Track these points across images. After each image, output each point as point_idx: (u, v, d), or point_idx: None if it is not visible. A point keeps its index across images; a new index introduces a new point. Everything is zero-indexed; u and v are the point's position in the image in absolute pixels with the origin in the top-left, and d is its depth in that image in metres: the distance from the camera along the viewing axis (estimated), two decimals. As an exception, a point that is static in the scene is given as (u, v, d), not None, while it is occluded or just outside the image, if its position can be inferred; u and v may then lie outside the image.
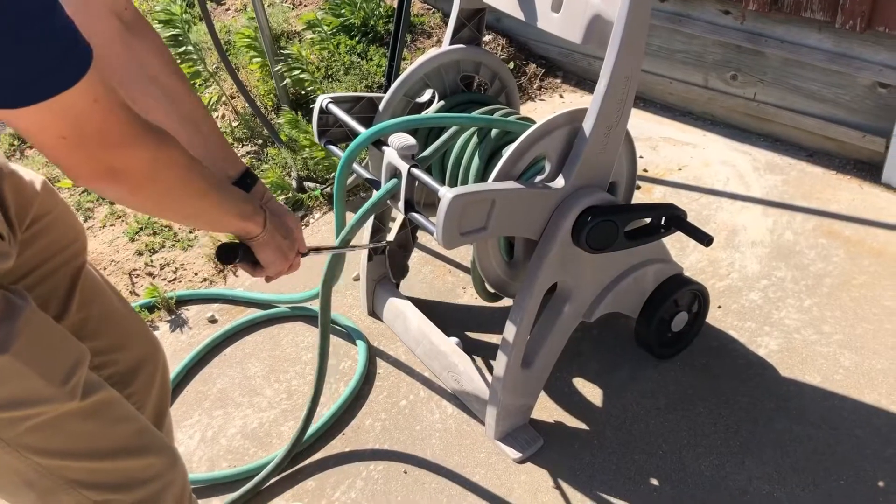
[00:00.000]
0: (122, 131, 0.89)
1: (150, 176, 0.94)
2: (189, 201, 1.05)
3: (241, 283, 2.52)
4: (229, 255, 1.22)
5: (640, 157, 2.88)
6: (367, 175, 1.88)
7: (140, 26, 1.16)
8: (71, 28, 0.82)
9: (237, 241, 1.23)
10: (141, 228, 2.77)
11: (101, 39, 0.86)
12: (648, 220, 1.85)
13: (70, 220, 1.22)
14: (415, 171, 1.67)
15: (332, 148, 1.96)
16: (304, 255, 1.39)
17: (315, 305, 2.33)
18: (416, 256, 2.50)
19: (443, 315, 2.27)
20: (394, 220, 2.29)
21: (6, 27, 0.74)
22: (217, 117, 3.38)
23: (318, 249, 1.58)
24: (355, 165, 1.87)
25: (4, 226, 1.05)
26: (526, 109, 3.21)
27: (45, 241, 1.16)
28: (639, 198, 2.65)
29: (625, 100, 1.67)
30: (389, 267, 2.16)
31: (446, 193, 1.55)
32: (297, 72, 3.12)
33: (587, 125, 1.66)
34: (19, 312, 0.99)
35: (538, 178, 1.73)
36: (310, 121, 2.97)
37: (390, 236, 2.25)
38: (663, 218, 1.83)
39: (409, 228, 2.28)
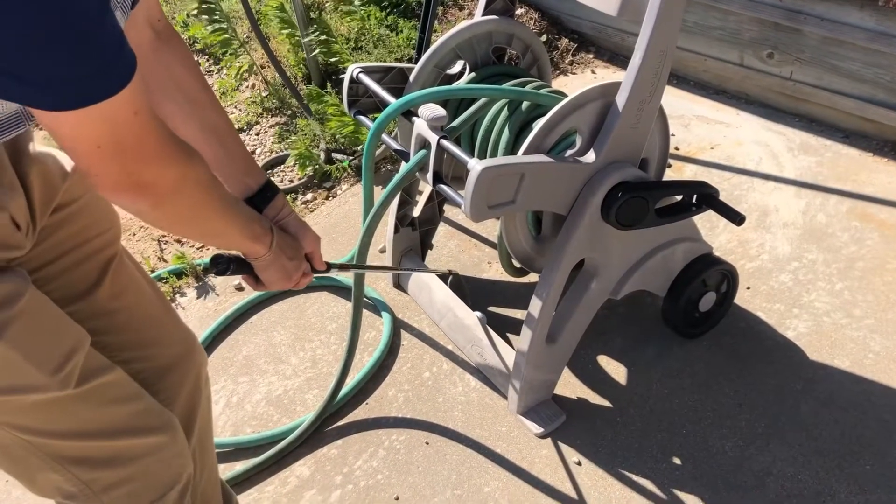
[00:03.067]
0: (158, 146, 0.88)
1: (175, 193, 0.93)
2: (205, 220, 1.04)
3: (268, 252, 2.53)
4: (221, 266, 1.20)
5: (672, 134, 2.84)
6: (395, 146, 1.88)
7: (170, 37, 1.15)
8: (120, 32, 0.80)
9: (233, 253, 1.21)
10: (170, 196, 2.79)
11: (136, 48, 0.84)
12: (679, 197, 1.82)
13: (102, 208, 1.19)
14: (444, 142, 1.66)
15: (362, 118, 1.95)
16: (324, 271, 1.38)
17: (341, 276, 2.35)
18: (441, 230, 2.49)
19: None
20: (420, 193, 2.28)
21: (62, 25, 0.72)
22: (247, 87, 3.38)
23: (344, 267, 1.57)
24: (384, 136, 1.87)
25: (26, 213, 1.02)
26: (558, 84, 3.17)
27: (72, 230, 1.13)
28: (670, 176, 2.62)
29: (659, 74, 1.64)
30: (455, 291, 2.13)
31: (475, 165, 1.54)
32: (327, 42, 3.11)
33: (620, 99, 1.64)
34: (18, 298, 0.96)
35: (569, 153, 1.71)
36: (339, 92, 2.97)
37: (417, 210, 2.25)
38: (694, 196, 1.80)
39: (436, 202, 2.27)
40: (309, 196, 2.79)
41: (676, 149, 2.78)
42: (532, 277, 2.26)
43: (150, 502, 1.19)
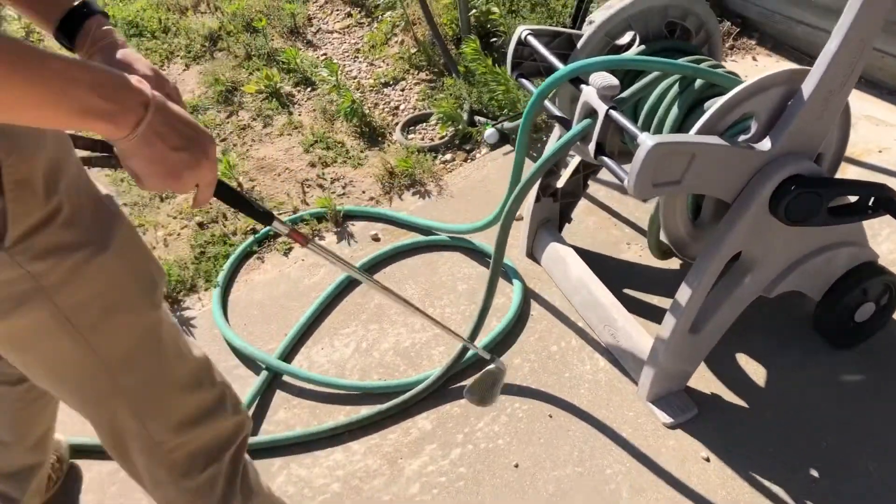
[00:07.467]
0: None
1: None
2: None
3: (406, 207, 2.55)
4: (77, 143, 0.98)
5: (836, 133, 2.66)
6: (557, 113, 1.84)
7: None
8: None
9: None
10: (316, 141, 2.85)
11: None
12: (855, 198, 1.71)
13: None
14: (613, 113, 1.61)
15: (524, 81, 1.91)
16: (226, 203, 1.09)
17: (475, 239, 2.34)
18: (581, 205, 2.44)
19: (603, 268, 2.22)
20: (566, 164, 2.24)
21: None
22: (395, 42, 3.40)
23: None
24: (546, 102, 1.83)
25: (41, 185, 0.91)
26: (714, 68, 3.03)
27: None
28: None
29: (854, 65, 1.53)
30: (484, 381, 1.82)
31: (646, 140, 1.49)
32: (485, 4, 3.08)
33: (807, 87, 1.54)
34: (117, 216, 0.99)
35: (742, 138, 1.63)
36: (489, 54, 2.94)
37: (561, 181, 2.20)
38: (872, 198, 1.69)
39: (582, 175, 2.22)
40: (448, 156, 2.78)
41: (840, 148, 2.61)
42: (673, 263, 2.19)
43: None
